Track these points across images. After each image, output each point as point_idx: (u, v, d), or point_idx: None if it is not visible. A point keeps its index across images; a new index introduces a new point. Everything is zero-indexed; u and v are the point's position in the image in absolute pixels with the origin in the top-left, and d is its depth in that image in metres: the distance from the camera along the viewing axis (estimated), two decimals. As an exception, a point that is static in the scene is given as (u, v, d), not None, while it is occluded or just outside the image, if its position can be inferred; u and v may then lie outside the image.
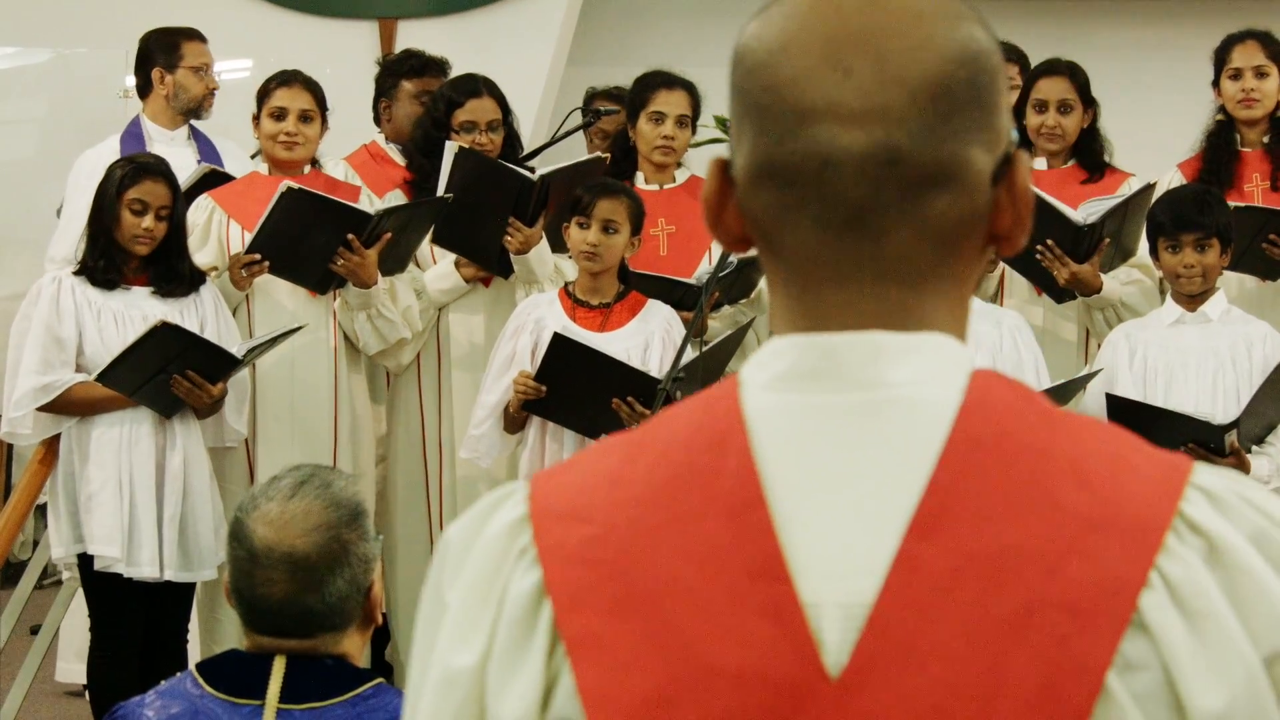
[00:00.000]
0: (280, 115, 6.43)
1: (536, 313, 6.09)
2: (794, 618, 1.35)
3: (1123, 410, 5.69)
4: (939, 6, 1.43)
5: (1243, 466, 5.69)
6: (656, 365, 5.98)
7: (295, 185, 6.14)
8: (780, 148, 1.41)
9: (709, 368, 5.66)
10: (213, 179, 6.62)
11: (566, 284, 6.17)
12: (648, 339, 6.06)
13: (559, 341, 5.85)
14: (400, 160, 6.86)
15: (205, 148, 7.03)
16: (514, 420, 6.06)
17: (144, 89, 7.05)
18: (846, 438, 1.39)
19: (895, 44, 1.40)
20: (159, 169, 5.98)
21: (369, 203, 6.56)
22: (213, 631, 6.27)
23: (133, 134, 7.02)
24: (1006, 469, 1.37)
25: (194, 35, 7.00)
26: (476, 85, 6.61)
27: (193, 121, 7.06)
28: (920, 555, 1.35)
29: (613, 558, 1.39)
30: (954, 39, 1.42)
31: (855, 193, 1.40)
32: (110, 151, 6.93)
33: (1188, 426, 5.67)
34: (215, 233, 6.45)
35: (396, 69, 7.14)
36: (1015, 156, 1.45)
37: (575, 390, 5.86)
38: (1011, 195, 1.44)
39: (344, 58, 8.19)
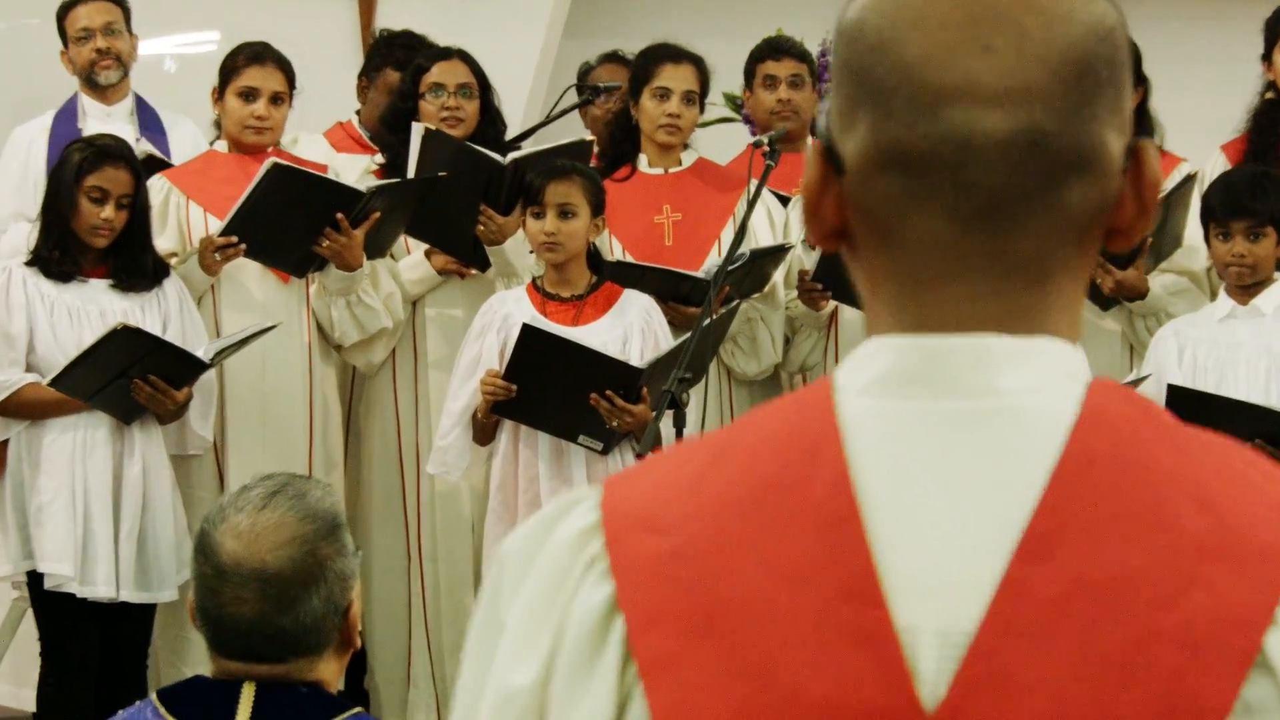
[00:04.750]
0: (250, 96, 6.29)
1: (504, 310, 5.92)
2: (887, 645, 1.33)
3: (1182, 401, 5.46)
4: None
5: None
6: (637, 359, 5.83)
7: (283, 161, 6.04)
8: (911, 131, 1.39)
9: (698, 354, 5.50)
10: (151, 166, 6.46)
11: (535, 278, 6.02)
12: (626, 332, 5.89)
13: (529, 333, 5.67)
14: (372, 145, 6.85)
15: (149, 119, 6.93)
16: (483, 428, 5.86)
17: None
18: (949, 449, 1.37)
19: (1037, 19, 1.39)
20: (120, 153, 5.88)
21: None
22: (180, 653, 6.16)
23: (67, 110, 6.94)
24: (1124, 489, 1.35)
25: (74, 3, 6.94)
26: (448, 51, 6.50)
27: (138, 93, 6.96)
28: (1028, 580, 1.32)
29: (693, 575, 1.38)
30: (1092, 13, 1.41)
31: (993, 179, 1.38)
32: (40, 129, 6.93)
33: (1255, 418, 5.44)
34: (174, 215, 6.33)
35: (385, 52, 7.08)
36: (1142, 145, 1.43)
37: (549, 387, 5.68)
38: (1138, 186, 1.42)
39: (321, 32, 8.07)
